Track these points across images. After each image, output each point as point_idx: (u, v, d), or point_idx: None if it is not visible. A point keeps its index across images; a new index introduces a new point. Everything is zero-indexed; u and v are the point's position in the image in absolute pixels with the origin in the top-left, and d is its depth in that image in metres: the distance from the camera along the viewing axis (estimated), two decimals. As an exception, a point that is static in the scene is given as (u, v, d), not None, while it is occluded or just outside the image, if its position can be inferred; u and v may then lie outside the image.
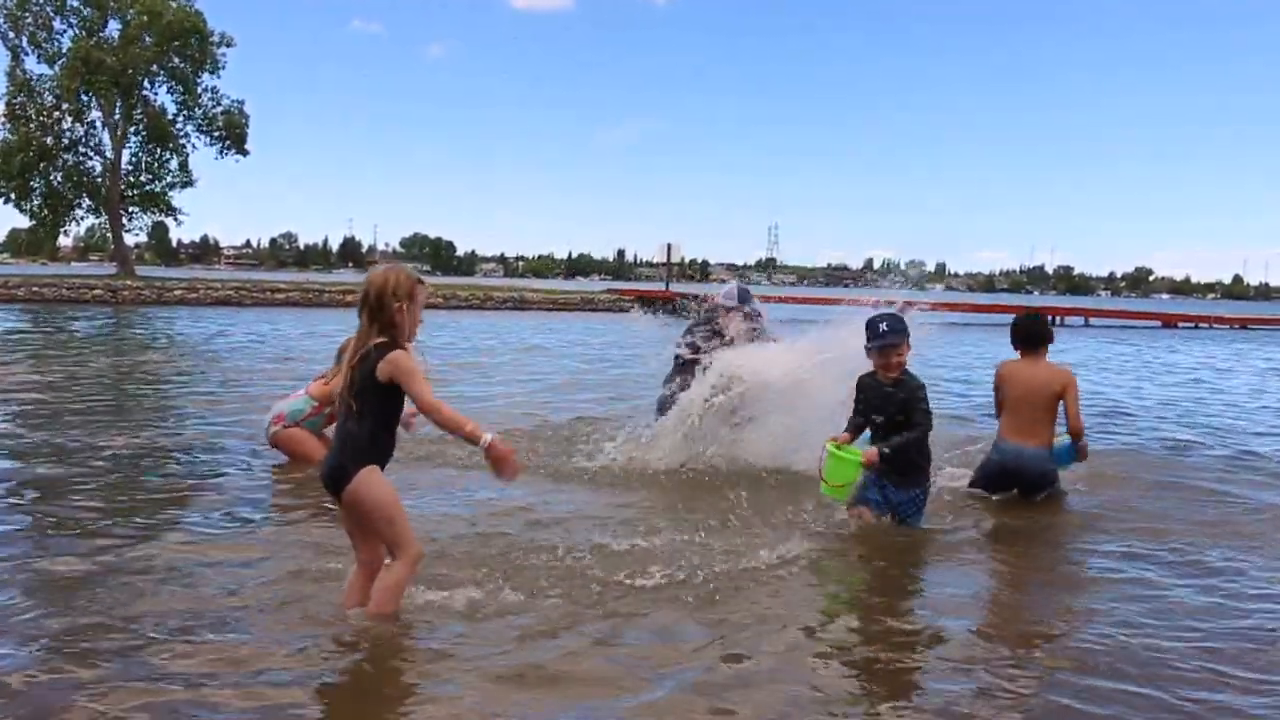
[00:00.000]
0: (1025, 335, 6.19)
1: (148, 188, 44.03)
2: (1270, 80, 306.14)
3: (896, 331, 5.22)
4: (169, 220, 46.48)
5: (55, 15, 40.95)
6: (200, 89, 43.16)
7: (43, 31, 40.73)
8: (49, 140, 41.02)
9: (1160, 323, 44.31)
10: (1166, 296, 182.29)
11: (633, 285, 71.59)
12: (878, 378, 5.32)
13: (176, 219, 46.01)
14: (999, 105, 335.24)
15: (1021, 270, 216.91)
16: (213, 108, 43.71)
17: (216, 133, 43.83)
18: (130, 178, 43.43)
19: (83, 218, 44.86)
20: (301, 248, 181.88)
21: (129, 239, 47.29)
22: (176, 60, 42.10)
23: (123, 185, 42.86)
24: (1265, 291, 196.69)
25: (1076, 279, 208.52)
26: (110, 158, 42.59)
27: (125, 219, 44.35)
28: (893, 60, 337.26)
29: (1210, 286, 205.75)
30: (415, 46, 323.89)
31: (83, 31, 41.09)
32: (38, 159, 40.64)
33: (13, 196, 41.14)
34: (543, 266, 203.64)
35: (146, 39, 40.73)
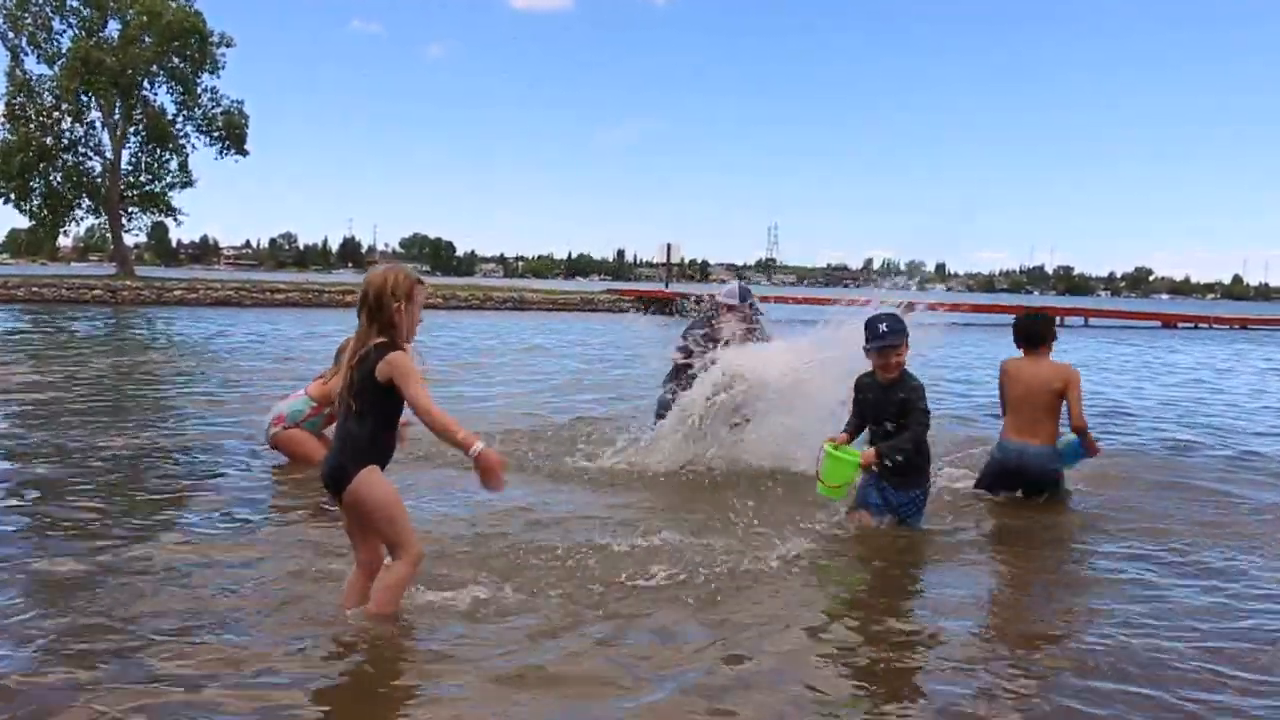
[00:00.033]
0: (1026, 334, 6.18)
1: (147, 188, 44.04)
2: (1270, 80, 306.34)
3: (896, 332, 5.18)
4: (168, 220, 46.53)
5: (55, 15, 40.95)
6: (200, 89, 43.19)
7: (42, 32, 40.72)
8: (49, 140, 41.01)
9: (1160, 323, 44.27)
10: (1166, 297, 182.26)
11: (632, 285, 71.51)
12: (876, 378, 5.30)
13: (176, 219, 46.08)
14: (999, 105, 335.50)
15: (1021, 270, 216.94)
16: (212, 108, 43.74)
17: (216, 133, 43.83)
18: (130, 178, 43.43)
19: (82, 218, 44.93)
20: (301, 248, 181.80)
21: (128, 239, 47.39)
22: (176, 60, 42.09)
23: (122, 185, 42.86)
24: (1265, 292, 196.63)
25: (1076, 279, 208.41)
26: (110, 158, 42.59)
27: (125, 219, 44.35)
28: (893, 60, 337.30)
29: (1210, 287, 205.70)
30: (415, 46, 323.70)
31: (82, 32, 41.07)
32: (37, 159, 40.63)
33: (12, 197, 41.14)
34: (542, 267, 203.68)
35: (146, 39, 40.71)
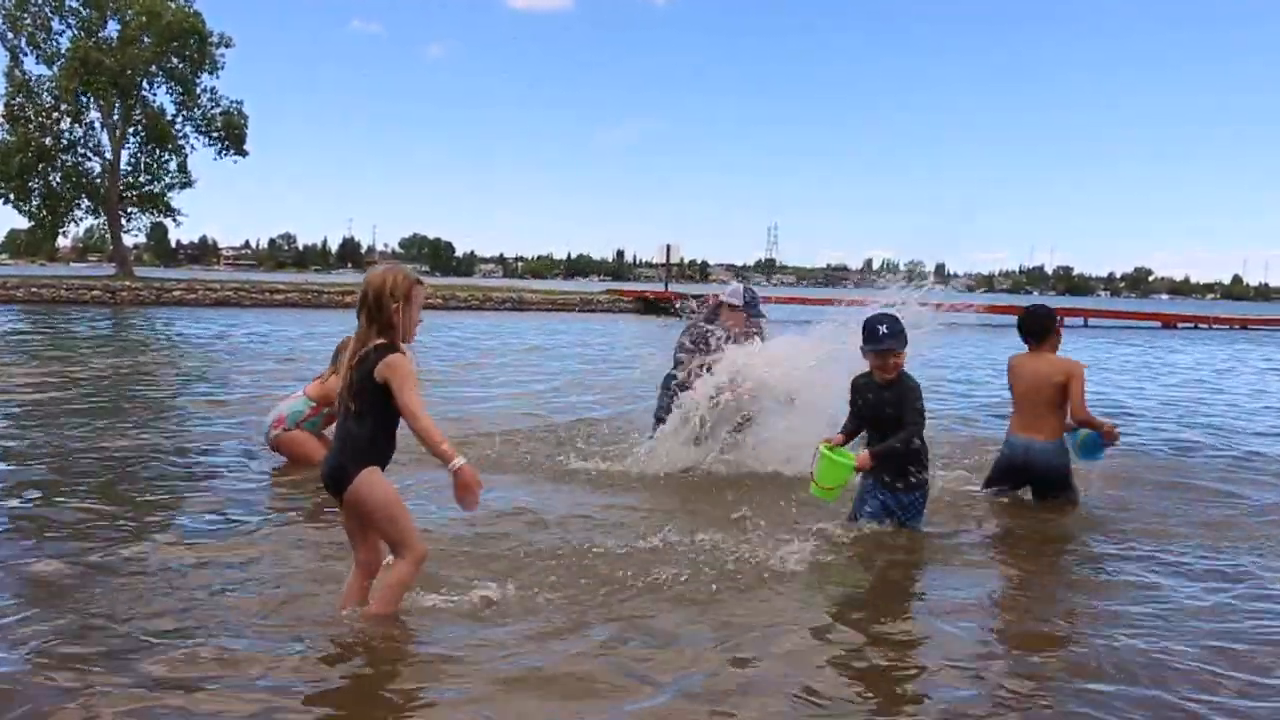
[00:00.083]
0: (1028, 328, 6.18)
1: (146, 188, 44.07)
2: (1270, 80, 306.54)
3: (895, 335, 5.11)
4: (168, 221, 46.58)
5: (54, 16, 40.96)
6: (199, 89, 43.23)
7: (41, 32, 40.73)
8: (48, 141, 41.04)
9: (1160, 323, 44.24)
10: (1166, 297, 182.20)
11: (632, 286, 71.44)
12: (873, 379, 5.24)
13: (175, 220, 46.11)
14: (999, 105, 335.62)
15: (1021, 270, 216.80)
16: (211, 108, 43.79)
17: (215, 133, 43.86)
18: (129, 178, 43.44)
19: (81, 218, 45.01)
20: (300, 248, 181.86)
21: (128, 240, 47.41)
22: (175, 61, 42.12)
23: (121, 186, 42.86)
24: (1265, 292, 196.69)
25: (1076, 279, 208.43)
26: (109, 158, 42.60)
27: (124, 220, 44.35)
28: (893, 60, 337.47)
29: (1210, 287, 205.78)
30: (414, 47, 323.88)
31: (81, 32, 41.07)
32: (36, 160, 40.65)
33: (11, 197, 41.18)
34: (542, 267, 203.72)
35: (145, 39, 40.72)
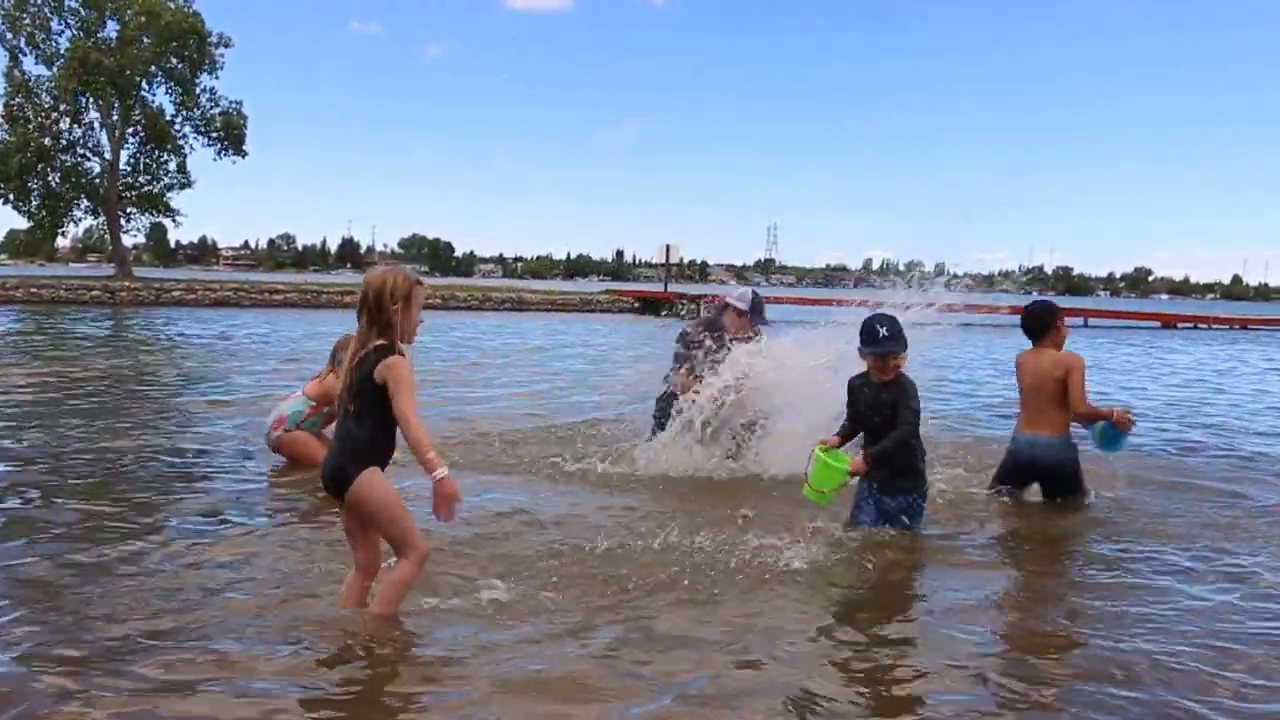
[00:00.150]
0: (1028, 325, 6.20)
1: (146, 189, 44.07)
2: (1270, 80, 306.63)
3: (895, 337, 5.06)
4: (167, 221, 46.62)
5: (53, 16, 40.97)
6: (198, 90, 43.25)
7: (41, 32, 40.73)
8: (47, 141, 41.05)
9: (1160, 323, 44.26)
10: (1165, 297, 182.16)
11: (632, 286, 71.39)
12: (871, 380, 5.19)
13: (175, 220, 46.13)
14: (999, 105, 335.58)
15: (1021, 270, 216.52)
16: (211, 109, 43.80)
17: (215, 134, 43.86)
18: (128, 179, 43.44)
19: (81, 219, 45.04)
20: (300, 249, 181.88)
21: (127, 240, 47.41)
22: (175, 61, 42.13)
23: (121, 186, 42.85)
24: (1265, 292, 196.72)
25: (1076, 279, 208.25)
26: (108, 159, 42.60)
27: (123, 220, 44.34)
28: (892, 60, 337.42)
29: (1209, 287, 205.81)
30: (414, 47, 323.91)
31: (81, 32, 41.08)
32: (36, 160, 40.65)
33: (11, 197, 41.17)
34: (541, 267, 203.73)
35: (145, 40, 40.72)
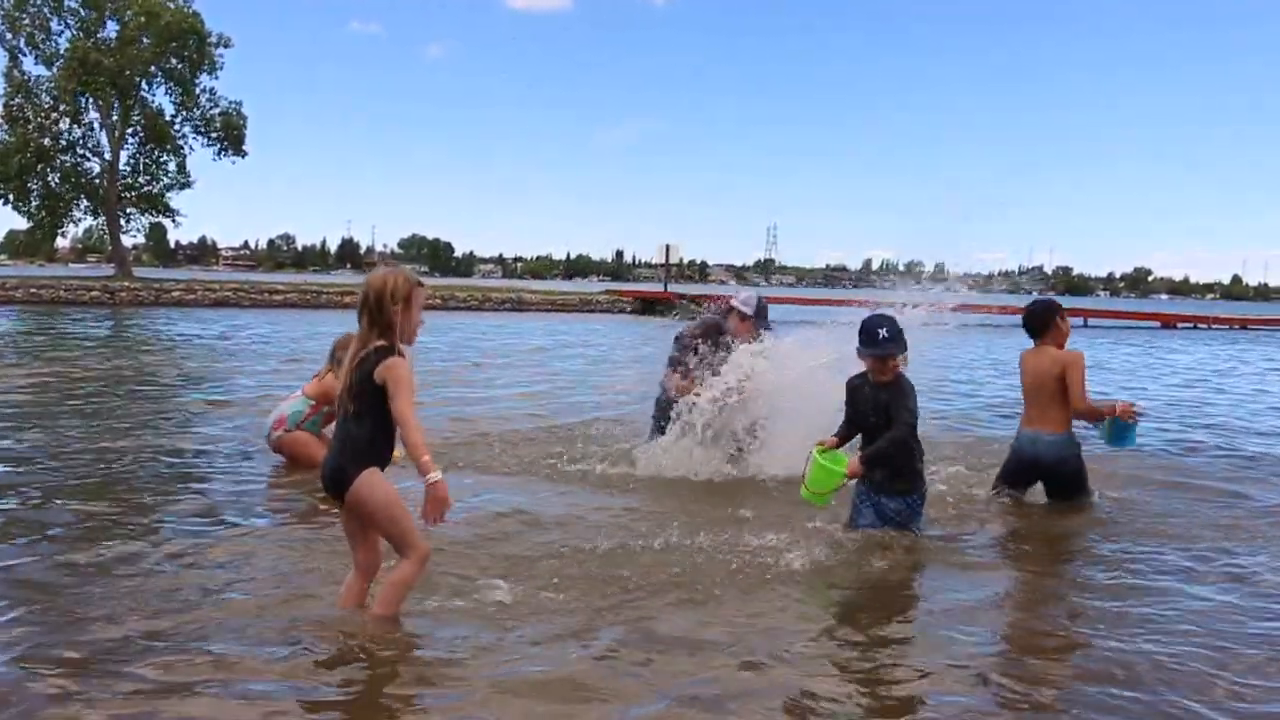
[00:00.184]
0: (1027, 324, 6.19)
1: (145, 189, 44.06)
2: (1270, 80, 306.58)
3: (895, 339, 5.03)
4: (167, 221, 46.59)
5: (53, 16, 40.94)
6: (198, 90, 43.22)
7: (40, 32, 40.71)
8: (47, 141, 41.03)
9: (1160, 323, 44.25)
10: (1165, 297, 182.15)
11: (631, 286, 71.35)
12: (870, 380, 5.16)
13: (174, 220, 46.11)
14: (999, 105, 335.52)
15: (1020, 270, 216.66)
16: (210, 109, 43.78)
17: (214, 134, 43.84)
18: (128, 179, 43.42)
19: (80, 219, 45.00)
20: (299, 249, 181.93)
21: (127, 240, 47.35)
22: (174, 61, 42.10)
23: (120, 186, 42.83)
24: (1264, 292, 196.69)
25: (1075, 279, 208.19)
26: (108, 159, 42.57)
27: (123, 220, 44.32)
28: (892, 60, 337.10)
29: (1209, 287, 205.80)
30: (414, 47, 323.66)
31: (80, 32, 41.06)
32: (35, 160, 40.64)
33: (10, 198, 41.15)
34: (541, 267, 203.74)
35: (144, 40, 40.70)
